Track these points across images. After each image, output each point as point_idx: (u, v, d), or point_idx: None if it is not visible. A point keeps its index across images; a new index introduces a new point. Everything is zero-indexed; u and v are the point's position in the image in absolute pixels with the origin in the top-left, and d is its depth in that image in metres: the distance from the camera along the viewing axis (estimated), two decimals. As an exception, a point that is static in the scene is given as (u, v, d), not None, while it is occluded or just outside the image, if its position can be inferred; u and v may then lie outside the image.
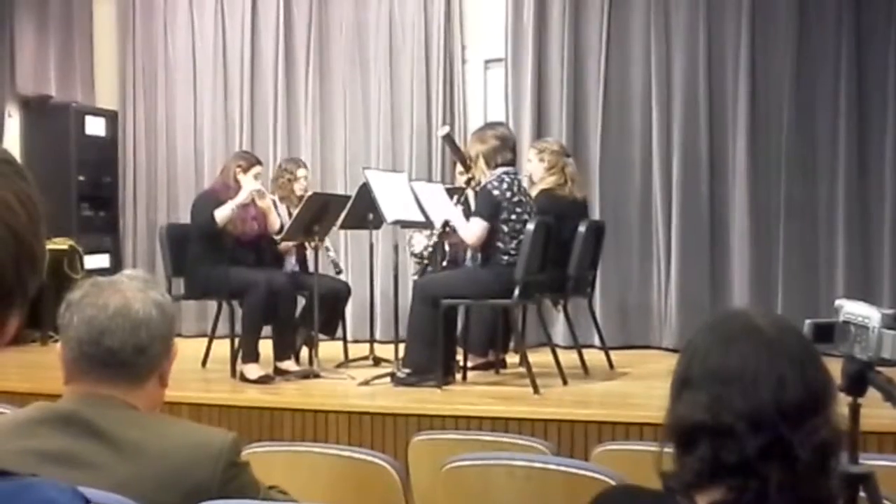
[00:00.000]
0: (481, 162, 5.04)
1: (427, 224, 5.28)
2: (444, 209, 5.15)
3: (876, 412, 1.79)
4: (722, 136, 6.38)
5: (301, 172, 6.00)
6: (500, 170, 4.99)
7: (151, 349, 1.77)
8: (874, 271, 6.05)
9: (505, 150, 5.03)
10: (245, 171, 5.41)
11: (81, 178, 7.40)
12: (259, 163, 5.58)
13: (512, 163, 5.09)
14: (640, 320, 6.54)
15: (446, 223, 5.06)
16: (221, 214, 5.26)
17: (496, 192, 4.91)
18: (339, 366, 5.56)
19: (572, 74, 6.64)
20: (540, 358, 5.11)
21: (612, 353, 5.59)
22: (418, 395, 4.67)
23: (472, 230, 4.93)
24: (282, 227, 5.54)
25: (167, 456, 1.69)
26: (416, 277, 5.65)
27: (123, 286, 1.78)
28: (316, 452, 2.67)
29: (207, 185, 6.22)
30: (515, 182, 5.02)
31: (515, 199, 4.95)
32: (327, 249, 5.87)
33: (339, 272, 6.04)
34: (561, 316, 5.85)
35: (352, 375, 5.23)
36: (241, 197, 5.28)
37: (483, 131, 5.19)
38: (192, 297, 5.62)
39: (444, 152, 6.89)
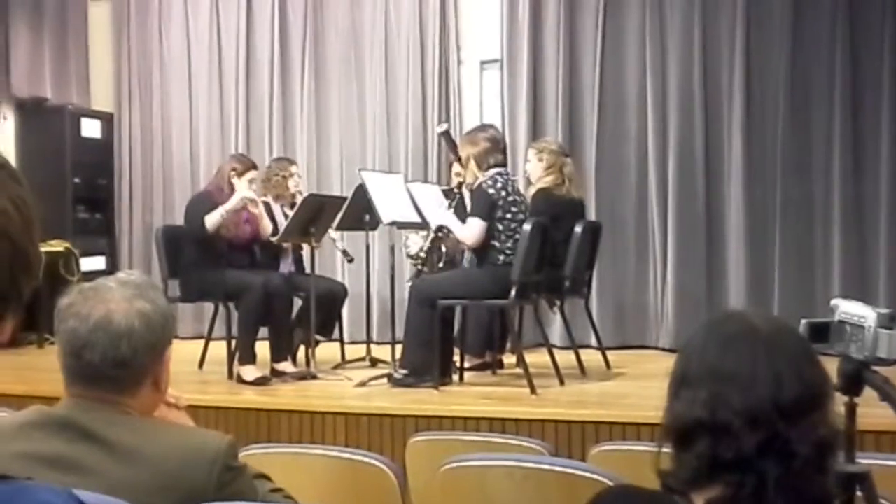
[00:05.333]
0: (472, 164, 5.05)
1: (423, 225, 5.28)
2: (438, 213, 5.15)
3: (872, 411, 1.78)
4: (717, 136, 6.39)
5: (293, 169, 5.98)
6: (493, 170, 4.99)
7: (134, 361, 1.72)
8: (870, 271, 6.05)
9: (496, 152, 5.04)
10: (240, 175, 5.40)
11: (77, 180, 7.40)
12: (254, 167, 5.56)
13: (503, 164, 5.09)
14: (636, 321, 6.54)
15: (440, 228, 5.06)
16: (211, 220, 5.25)
17: (491, 191, 4.91)
18: (335, 367, 5.55)
19: (568, 75, 6.65)
20: (537, 358, 5.11)
21: (609, 354, 5.60)
22: (415, 396, 4.67)
23: (471, 231, 4.92)
24: (276, 229, 5.54)
25: (162, 460, 1.68)
26: (412, 278, 5.65)
27: (109, 295, 1.73)
28: (313, 454, 2.66)
29: (203, 187, 6.21)
30: (509, 182, 5.03)
31: (510, 198, 4.95)
32: (334, 240, 5.84)
33: (350, 260, 5.97)
34: (558, 316, 5.84)
35: (349, 377, 5.22)
36: (231, 204, 5.27)
37: (474, 134, 5.20)
38: (188, 299, 5.61)
39: (439, 153, 6.89)
